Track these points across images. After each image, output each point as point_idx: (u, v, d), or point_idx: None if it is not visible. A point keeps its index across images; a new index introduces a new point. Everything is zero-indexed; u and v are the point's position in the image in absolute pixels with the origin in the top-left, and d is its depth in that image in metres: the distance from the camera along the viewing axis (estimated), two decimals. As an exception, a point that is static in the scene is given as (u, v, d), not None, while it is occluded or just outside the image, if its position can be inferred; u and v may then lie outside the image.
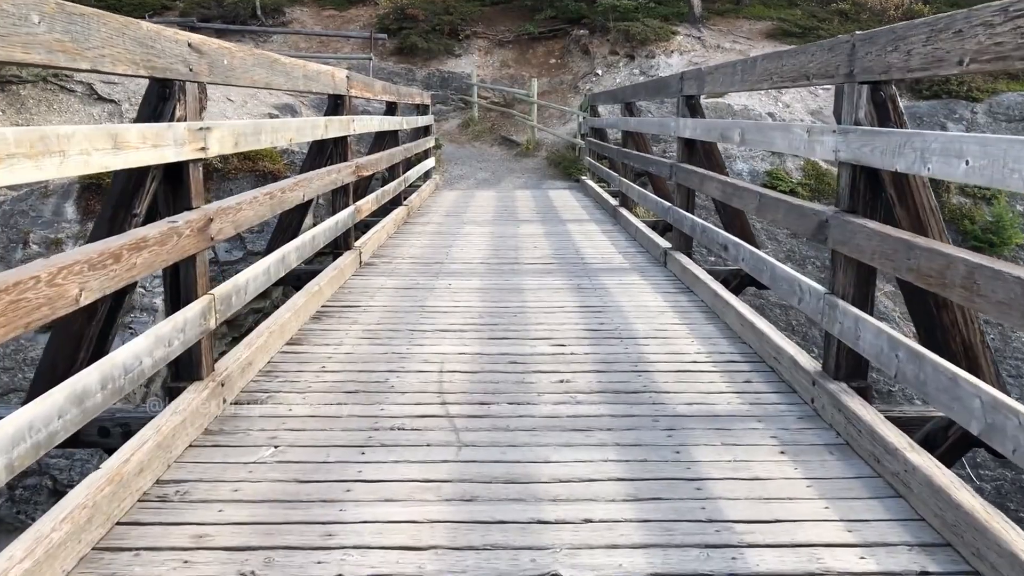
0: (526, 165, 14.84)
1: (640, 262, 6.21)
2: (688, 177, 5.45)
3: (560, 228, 8.17)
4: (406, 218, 8.59)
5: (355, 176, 5.88)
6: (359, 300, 4.90)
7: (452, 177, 13.94)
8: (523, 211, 9.69)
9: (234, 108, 12.68)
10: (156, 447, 2.51)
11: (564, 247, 6.95)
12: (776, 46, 16.76)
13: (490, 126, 17.10)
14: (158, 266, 2.56)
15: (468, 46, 18.72)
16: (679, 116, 5.77)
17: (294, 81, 4.29)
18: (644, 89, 8.07)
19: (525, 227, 8.23)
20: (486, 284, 5.39)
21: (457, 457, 2.70)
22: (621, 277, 5.64)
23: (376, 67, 17.78)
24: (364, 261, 6.05)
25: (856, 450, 2.73)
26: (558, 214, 9.39)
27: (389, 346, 3.94)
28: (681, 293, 5.10)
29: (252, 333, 3.70)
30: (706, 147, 5.70)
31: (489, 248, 6.90)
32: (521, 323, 4.38)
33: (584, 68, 17.84)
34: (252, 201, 3.47)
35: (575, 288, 5.26)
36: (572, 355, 3.82)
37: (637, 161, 7.90)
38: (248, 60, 3.55)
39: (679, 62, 16.43)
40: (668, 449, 2.77)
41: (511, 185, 13.50)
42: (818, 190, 13.39)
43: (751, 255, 4.08)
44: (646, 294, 5.09)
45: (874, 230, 2.66)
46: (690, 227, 5.41)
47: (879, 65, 2.71)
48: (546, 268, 5.96)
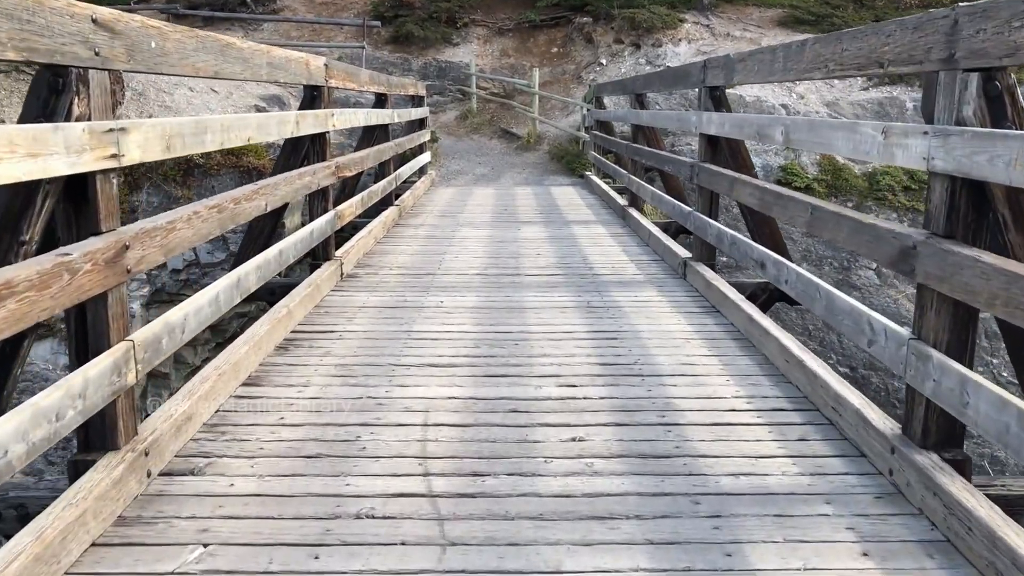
0: (527, 159, 14.16)
1: (656, 273, 5.54)
2: (714, 180, 4.78)
3: (565, 231, 7.51)
4: (397, 219, 7.93)
5: (335, 177, 5.21)
6: (335, 323, 4.24)
7: (449, 172, 13.26)
8: (524, 211, 9.03)
9: (218, 100, 11.99)
10: (34, 561, 1.86)
11: (570, 254, 6.29)
12: (788, 34, 16.05)
13: (489, 118, 16.41)
14: (35, 318, 1.90)
15: (466, 34, 18.00)
16: (702, 109, 5.10)
17: (254, 70, 3.62)
18: (659, 79, 7.35)
19: (526, 230, 7.57)
20: (483, 302, 4.73)
21: (440, 565, 2.05)
22: (636, 292, 4.98)
23: (370, 56, 17.06)
24: (346, 272, 5.39)
25: (964, 553, 2.08)
26: (562, 214, 8.72)
27: (365, 388, 3.28)
28: (707, 314, 4.44)
29: (196, 376, 3.05)
30: (732, 145, 5.03)
31: (487, 255, 6.24)
32: (523, 354, 3.72)
33: (587, 57, 17.12)
34: (191, 218, 2.81)
35: (585, 307, 4.61)
36: (585, 400, 3.16)
37: (649, 158, 7.22)
38: (188, 43, 2.89)
39: (687, 51, 15.72)
40: (717, 550, 2.12)
41: (511, 181, 12.82)
42: (835, 187, 12.73)
43: (798, 278, 3.42)
44: (667, 315, 4.43)
45: (995, 266, 1.99)
46: (715, 237, 4.75)
47: (998, 46, 2.04)
48: (551, 281, 5.30)
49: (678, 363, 3.61)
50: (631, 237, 7.14)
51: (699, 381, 3.38)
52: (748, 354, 3.72)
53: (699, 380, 3.39)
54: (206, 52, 3.03)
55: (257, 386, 3.30)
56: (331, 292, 4.91)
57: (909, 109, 13.64)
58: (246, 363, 3.38)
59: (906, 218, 12.39)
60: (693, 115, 5.26)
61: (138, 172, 10.93)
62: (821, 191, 12.52)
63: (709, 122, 4.83)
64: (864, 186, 12.71)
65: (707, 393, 3.24)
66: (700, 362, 3.63)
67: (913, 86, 14.01)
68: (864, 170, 12.73)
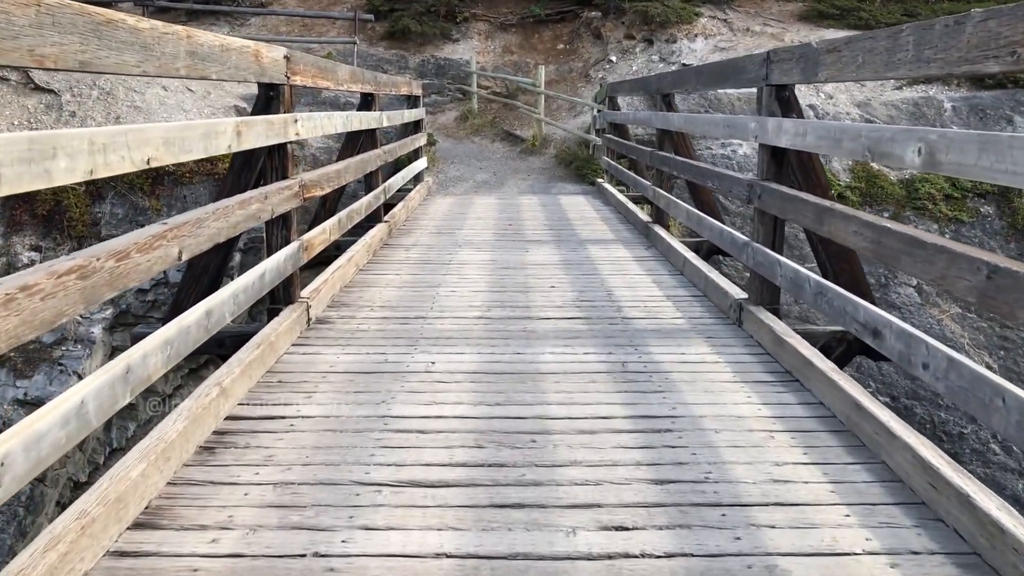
0: (532, 164, 13.06)
1: (702, 318, 4.46)
2: (788, 206, 3.69)
3: (580, 254, 6.42)
4: (387, 238, 6.85)
5: (299, 200, 4.13)
6: (289, 402, 3.16)
7: (448, 179, 12.17)
8: (531, 226, 7.94)
9: (194, 100, 10.92)
10: None
11: (590, 287, 5.20)
12: (812, 29, 14.96)
13: (491, 119, 15.32)
14: None
15: (467, 30, 16.90)
16: (764, 113, 4.02)
17: (162, 61, 2.53)
18: (696, 77, 6.15)
19: (536, 252, 6.49)
20: (485, 362, 3.65)
21: None
22: (682, 347, 3.89)
23: (364, 53, 15.98)
24: (315, 317, 4.31)
25: None
26: (575, 231, 7.63)
27: (312, 533, 2.20)
28: (784, 387, 3.35)
29: (58, 520, 1.98)
30: (804, 160, 3.96)
31: (489, 288, 5.16)
32: (543, 461, 2.64)
33: (596, 54, 16.03)
34: (11, 301, 1.71)
35: (620, 372, 3.53)
36: (644, 559, 2.08)
37: (683, 170, 6.11)
38: (45, 19, 1.81)
39: (703, 47, 14.64)
40: None
41: (515, 189, 11.72)
42: (869, 195, 11.64)
43: (950, 366, 2.33)
44: (731, 388, 3.34)
45: None
46: (790, 280, 3.66)
47: None
48: (571, 329, 4.22)
49: (766, 480, 2.52)
50: (660, 263, 6.05)
51: (804, 518, 2.29)
52: (865, 464, 2.63)
53: (804, 516, 2.30)
54: (60, 31, 1.95)
55: (154, 528, 2.22)
56: (292, 347, 3.83)
57: (947, 110, 12.55)
58: (144, 488, 2.30)
59: (948, 229, 11.30)
60: (751, 120, 4.17)
61: (101, 180, 9.85)
62: (854, 200, 11.44)
63: (779, 131, 3.74)
64: (901, 194, 11.62)
65: (822, 543, 2.16)
66: (796, 478, 2.54)
67: (951, 85, 12.91)
68: (901, 176, 11.63)
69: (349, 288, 5.11)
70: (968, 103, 12.63)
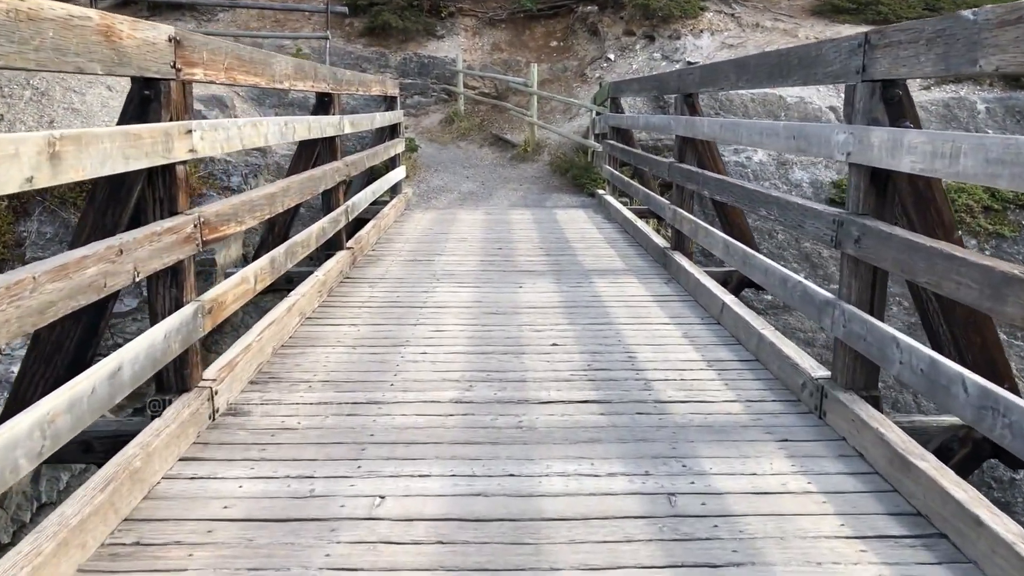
0: (524, 172, 11.83)
1: (762, 400, 3.24)
2: (918, 261, 2.47)
3: (586, 290, 5.20)
4: (348, 270, 5.61)
5: (195, 246, 2.88)
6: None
7: (430, 189, 10.91)
8: (525, 249, 6.72)
9: (119, 100, 9.59)
10: None
11: (605, 347, 3.97)
12: (827, 24, 13.81)
13: (479, 122, 14.09)
14: None
15: (452, 26, 15.66)
16: (862, 120, 2.81)
17: None
18: (738, 71, 4.46)
19: (531, 287, 5.26)
20: (461, 504, 2.41)
21: None
22: (750, 461, 2.67)
23: (340, 50, 14.73)
24: (225, 406, 3.08)
25: None
26: (577, 256, 6.41)
27: None
28: (918, 540, 2.14)
29: None
30: (921, 189, 2.76)
31: (471, 349, 3.93)
32: None
33: (592, 52, 14.83)
34: None
35: (668, 520, 2.29)
36: None
37: (721, 191, 4.82)
38: None
39: (710, 44, 13.46)
40: None
41: (505, 200, 10.48)
42: (900, 206, 10.46)
43: None
44: (850, 556, 2.13)
45: None
46: (924, 373, 2.44)
47: None
48: (585, 426, 2.98)
49: None
50: (687, 305, 4.83)
51: None
52: None
53: None
54: None
55: None
56: (177, 467, 2.59)
57: (981, 112, 11.40)
58: None
59: (987, 245, 10.15)
60: (841, 132, 2.94)
61: (27, 194, 8.55)
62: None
63: (894, 147, 2.52)
64: (934, 205, 10.43)
65: None
66: None
67: (983, 85, 11.77)
68: None
69: (287, 349, 3.88)
70: (1003, 104, 11.50)
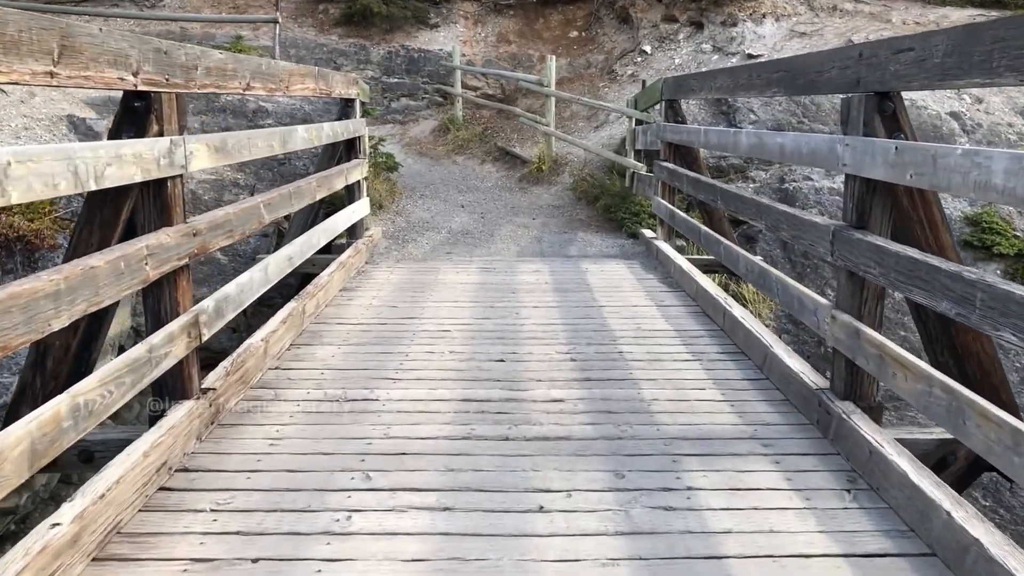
0: (538, 199, 8.96)
1: None
2: None
3: (695, 521, 2.36)
4: (220, 418, 2.79)
5: None
6: None
7: (410, 225, 8.03)
8: (542, 357, 3.89)
9: (18, 108, 6.77)
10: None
11: None
12: (925, 7, 10.93)
13: (481, 131, 11.28)
14: None
15: (449, 13, 12.86)
16: None
17: None
18: None
19: (561, 475, 2.44)
20: None
21: None
22: None
23: (311, 43, 11.96)
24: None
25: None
26: (640, 389, 3.55)
27: None
28: None
29: None
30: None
31: None
32: None
33: (622, 43, 12.01)
34: None
35: None
36: None
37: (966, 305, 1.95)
38: None
39: (774, 32, 10.63)
40: None
41: (512, 245, 7.56)
42: None
43: None
44: None
45: None
46: None
47: None
48: None
49: None
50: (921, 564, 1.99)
51: None
52: None
53: None
54: None
55: None
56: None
57: None
58: None
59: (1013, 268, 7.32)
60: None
61: None
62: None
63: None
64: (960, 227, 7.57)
65: None
66: None
67: None
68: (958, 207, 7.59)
69: None
70: None
